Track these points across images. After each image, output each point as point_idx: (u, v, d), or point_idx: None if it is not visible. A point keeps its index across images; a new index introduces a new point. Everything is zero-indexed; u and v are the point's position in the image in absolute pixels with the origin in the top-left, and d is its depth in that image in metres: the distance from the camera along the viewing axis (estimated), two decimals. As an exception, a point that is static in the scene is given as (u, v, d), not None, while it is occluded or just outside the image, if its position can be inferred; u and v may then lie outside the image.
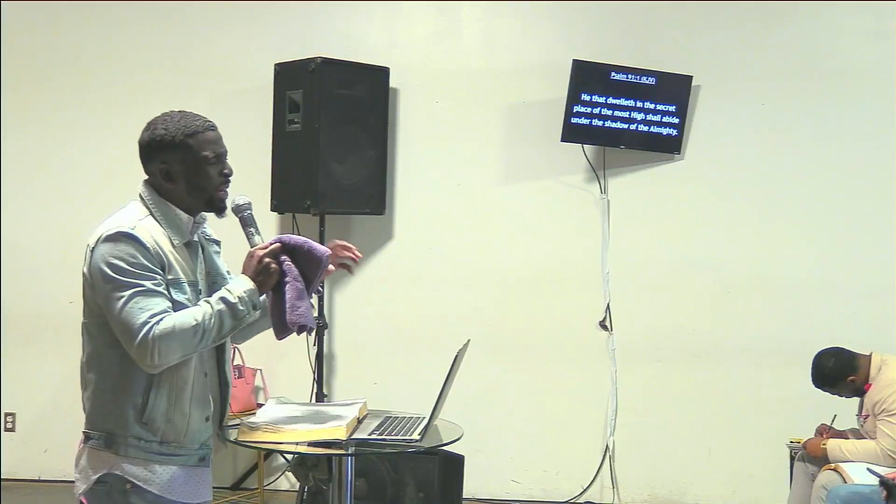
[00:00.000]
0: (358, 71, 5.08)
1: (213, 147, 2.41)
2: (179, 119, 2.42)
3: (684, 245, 5.26)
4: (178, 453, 2.37)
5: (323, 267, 2.47)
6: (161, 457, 2.34)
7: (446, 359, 2.90)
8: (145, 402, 2.31)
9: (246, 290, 2.33)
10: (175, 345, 2.24)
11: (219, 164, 2.43)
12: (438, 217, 5.42)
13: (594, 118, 5.09)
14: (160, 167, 2.39)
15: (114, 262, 2.25)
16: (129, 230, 2.29)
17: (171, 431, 2.35)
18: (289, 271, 2.41)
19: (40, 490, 5.37)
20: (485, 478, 5.23)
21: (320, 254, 2.46)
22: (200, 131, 2.40)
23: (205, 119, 2.45)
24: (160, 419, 2.33)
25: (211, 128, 2.44)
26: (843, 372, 4.20)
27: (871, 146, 5.15)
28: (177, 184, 2.40)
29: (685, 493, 5.27)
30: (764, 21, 5.21)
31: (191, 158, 2.38)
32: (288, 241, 2.45)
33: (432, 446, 2.94)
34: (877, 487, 3.74)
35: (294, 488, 5.21)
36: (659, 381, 5.27)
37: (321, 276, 2.49)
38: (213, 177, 2.41)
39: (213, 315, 2.29)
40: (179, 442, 2.36)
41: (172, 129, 2.39)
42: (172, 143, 2.38)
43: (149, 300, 2.24)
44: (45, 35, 5.53)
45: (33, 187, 5.53)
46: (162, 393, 2.32)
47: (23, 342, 5.47)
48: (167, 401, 2.33)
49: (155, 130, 2.40)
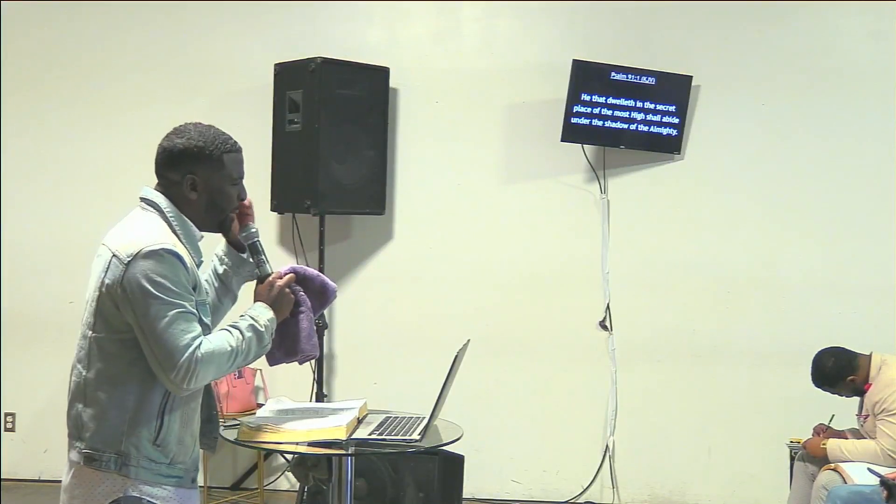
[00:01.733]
0: (358, 71, 5.08)
1: (240, 169, 2.42)
2: (215, 134, 2.37)
3: (684, 245, 5.26)
4: (181, 475, 2.34)
5: (329, 301, 2.59)
6: (168, 478, 2.30)
7: (446, 359, 2.90)
8: (160, 424, 2.26)
9: (269, 319, 2.37)
10: (212, 368, 2.24)
11: (239, 186, 2.43)
12: (438, 217, 5.42)
13: (594, 118, 5.09)
14: (188, 177, 2.33)
15: (159, 281, 2.18)
16: (172, 248, 2.22)
17: (181, 453, 2.32)
18: (303, 302, 2.49)
19: (40, 490, 5.37)
20: (485, 478, 5.23)
21: (331, 289, 2.57)
22: (235, 151, 2.40)
23: (235, 140, 2.43)
24: (173, 442, 2.29)
25: (240, 149, 2.43)
26: (843, 372, 4.20)
27: (870, 146, 5.15)
28: (199, 198, 2.35)
29: (685, 493, 5.27)
30: (764, 21, 5.21)
31: (220, 175, 2.36)
32: (302, 272, 2.53)
33: (432, 446, 2.94)
34: (877, 487, 3.74)
35: (294, 488, 5.21)
36: (659, 381, 5.27)
37: (324, 308, 2.62)
38: (233, 198, 2.41)
39: (245, 341, 2.30)
40: (185, 463, 2.34)
41: (210, 143, 2.34)
42: (210, 156, 2.34)
43: (190, 323, 2.21)
44: (45, 35, 5.53)
45: (33, 187, 5.53)
46: (175, 416, 2.29)
47: (23, 342, 5.47)
48: (180, 423, 2.31)
49: (191, 139, 2.33)
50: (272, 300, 2.40)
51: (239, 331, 2.31)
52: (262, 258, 2.50)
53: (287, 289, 2.43)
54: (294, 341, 2.45)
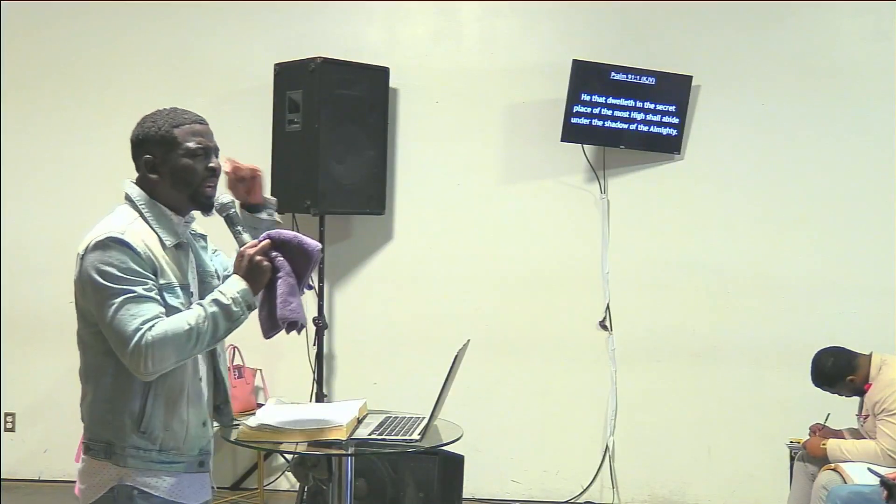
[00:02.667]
0: (358, 71, 5.08)
1: (199, 139, 2.36)
2: (168, 113, 2.39)
3: (684, 245, 5.26)
4: (178, 460, 2.33)
5: (314, 261, 2.39)
6: (162, 465, 2.30)
7: (446, 359, 2.90)
8: (142, 410, 2.26)
9: (239, 291, 2.25)
10: (168, 351, 2.17)
11: (205, 157, 2.37)
12: (438, 217, 5.42)
13: (594, 118, 5.09)
14: (144, 158, 2.35)
15: (104, 269, 2.20)
16: (118, 235, 2.23)
17: (170, 439, 2.31)
18: (281, 266, 2.34)
19: (40, 490, 5.37)
20: (485, 478, 5.23)
21: (311, 248, 2.38)
22: (187, 123, 2.37)
23: (194, 113, 2.41)
24: (158, 427, 2.28)
25: (199, 121, 2.40)
26: (843, 371, 4.20)
27: (870, 146, 5.15)
28: (162, 177, 2.35)
29: (685, 493, 5.27)
30: (764, 21, 5.21)
31: (175, 149, 2.34)
32: (277, 236, 2.37)
33: (432, 446, 2.94)
34: (877, 487, 3.74)
35: (294, 488, 5.21)
36: (659, 381, 5.27)
37: (312, 270, 2.42)
38: (197, 170, 2.35)
39: (207, 318, 2.21)
40: (179, 449, 2.32)
41: (160, 122, 2.37)
42: (157, 133, 2.35)
43: (140, 306, 2.19)
44: (45, 35, 5.53)
45: (33, 187, 5.54)
46: (159, 401, 2.28)
47: (23, 342, 5.47)
48: (164, 408, 2.29)
49: (142, 124, 2.38)
50: (245, 270, 2.29)
51: (202, 307, 2.24)
52: (238, 229, 2.45)
53: (260, 255, 2.30)
54: (273, 308, 2.33)
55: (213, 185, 2.40)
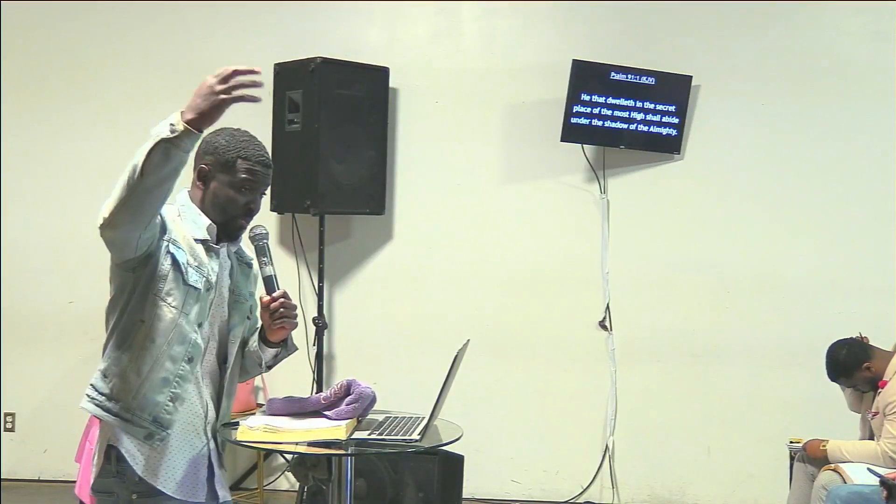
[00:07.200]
0: (358, 71, 5.08)
1: (252, 177, 2.44)
2: (244, 139, 2.47)
3: (684, 245, 5.26)
4: (123, 415, 2.34)
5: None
6: (108, 415, 2.35)
7: (446, 359, 2.90)
8: (112, 354, 2.36)
9: (172, 120, 2.16)
10: (115, 196, 2.21)
11: (250, 195, 2.45)
12: (438, 217, 5.42)
13: (594, 118, 5.09)
14: (200, 167, 2.45)
15: None
16: None
17: (119, 387, 2.35)
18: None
19: (40, 490, 5.37)
20: (485, 478, 5.23)
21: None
22: (251, 160, 2.44)
23: (264, 153, 2.48)
24: (116, 371, 2.35)
25: (264, 162, 2.47)
26: (859, 359, 4.14)
27: (870, 146, 5.15)
28: (205, 191, 2.45)
29: (685, 493, 5.27)
30: (764, 21, 5.21)
31: (228, 174, 2.43)
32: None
33: (432, 446, 2.94)
34: (877, 487, 3.74)
35: (294, 488, 5.21)
36: (659, 381, 5.27)
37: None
38: (238, 203, 2.45)
39: (137, 152, 2.17)
40: (127, 403, 2.34)
41: (231, 144, 2.44)
42: (224, 154, 2.43)
43: None
44: (45, 35, 5.53)
45: (33, 187, 5.53)
46: (128, 349, 2.35)
47: (23, 342, 5.46)
48: (129, 357, 2.35)
49: (218, 135, 2.45)
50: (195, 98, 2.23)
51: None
52: (264, 260, 2.54)
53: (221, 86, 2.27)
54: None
55: (246, 222, 2.50)
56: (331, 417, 2.76)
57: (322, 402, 2.79)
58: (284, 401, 2.97)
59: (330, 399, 2.80)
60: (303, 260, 5.32)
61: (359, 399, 2.78)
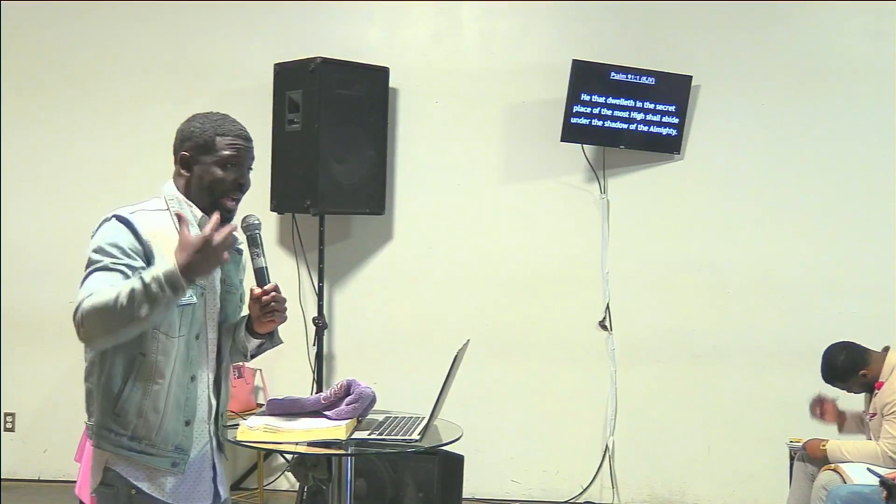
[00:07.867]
0: (358, 71, 5.08)
1: (235, 152, 2.40)
2: (217, 119, 2.44)
3: (684, 245, 5.26)
4: (148, 451, 2.31)
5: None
6: (132, 453, 2.30)
7: (446, 359, 2.90)
8: (120, 393, 2.29)
9: (165, 271, 2.12)
10: (96, 320, 2.12)
11: (236, 170, 2.41)
12: (438, 217, 5.42)
13: (594, 118, 5.09)
14: (181, 155, 2.41)
15: (95, 243, 2.27)
16: (124, 214, 2.29)
17: (142, 427, 2.30)
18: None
19: (40, 490, 5.37)
20: (485, 478, 5.23)
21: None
22: (230, 135, 2.41)
23: (241, 127, 2.45)
24: (132, 412, 2.29)
25: (243, 136, 2.43)
26: (856, 365, 4.13)
27: (870, 146, 5.14)
28: (192, 177, 2.40)
29: (685, 492, 5.27)
30: (764, 21, 5.21)
31: (210, 155, 2.39)
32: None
33: (432, 446, 2.95)
34: (877, 487, 3.74)
35: (294, 488, 5.21)
36: (659, 381, 5.27)
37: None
38: (225, 180, 2.39)
39: (129, 292, 2.10)
40: (150, 440, 2.31)
41: (206, 125, 2.41)
42: (200, 135, 2.39)
43: (106, 275, 2.20)
44: (45, 35, 5.53)
45: (33, 187, 5.53)
46: (137, 386, 2.29)
47: (23, 342, 5.46)
48: (142, 395, 2.29)
49: (191, 122, 2.43)
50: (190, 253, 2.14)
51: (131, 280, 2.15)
52: (257, 251, 2.48)
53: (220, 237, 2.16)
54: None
55: (236, 200, 2.43)
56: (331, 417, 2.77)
57: (322, 402, 2.80)
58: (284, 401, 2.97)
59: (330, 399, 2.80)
60: (303, 260, 5.32)
61: (359, 399, 2.78)
